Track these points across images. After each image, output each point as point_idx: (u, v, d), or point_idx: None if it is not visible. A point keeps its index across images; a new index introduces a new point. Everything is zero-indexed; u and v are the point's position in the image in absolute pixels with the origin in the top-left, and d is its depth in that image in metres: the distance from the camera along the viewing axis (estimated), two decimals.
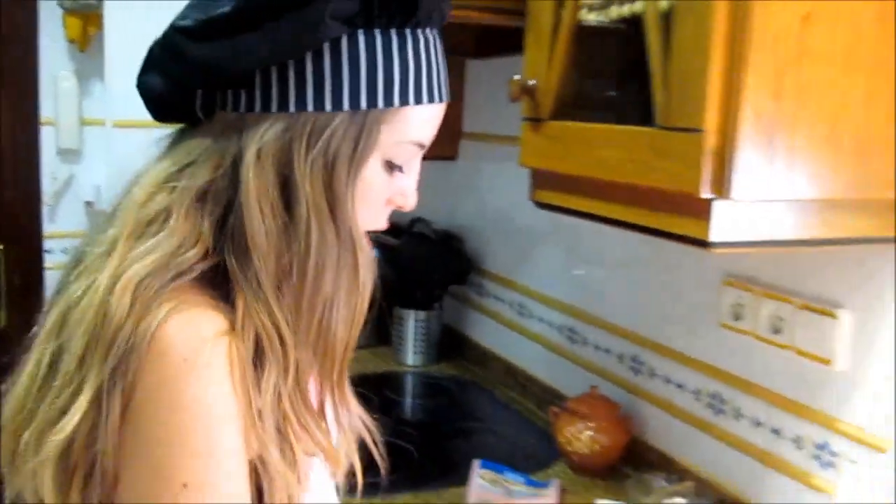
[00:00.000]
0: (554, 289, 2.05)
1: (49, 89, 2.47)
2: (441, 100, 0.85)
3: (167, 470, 0.71)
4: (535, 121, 1.32)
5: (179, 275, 0.74)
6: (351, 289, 0.81)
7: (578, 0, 1.23)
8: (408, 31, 0.80)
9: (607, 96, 1.31)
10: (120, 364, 0.70)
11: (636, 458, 1.69)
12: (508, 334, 2.24)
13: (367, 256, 0.83)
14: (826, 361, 1.32)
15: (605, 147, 1.17)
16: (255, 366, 0.76)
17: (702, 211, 1.03)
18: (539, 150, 1.32)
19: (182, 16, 0.79)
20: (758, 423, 1.46)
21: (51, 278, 2.45)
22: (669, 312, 1.67)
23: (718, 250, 1.05)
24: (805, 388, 1.37)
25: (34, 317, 0.84)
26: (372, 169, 0.81)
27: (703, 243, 1.05)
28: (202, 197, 0.77)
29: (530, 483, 1.61)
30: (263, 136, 0.76)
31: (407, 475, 1.66)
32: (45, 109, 2.47)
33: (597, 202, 1.23)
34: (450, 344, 2.43)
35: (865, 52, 1.05)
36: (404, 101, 0.80)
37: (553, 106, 1.29)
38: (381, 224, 0.88)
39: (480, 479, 1.59)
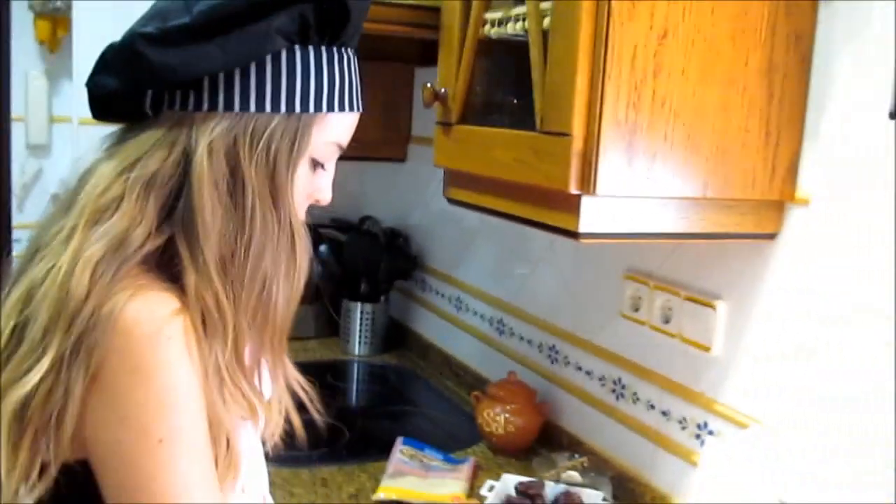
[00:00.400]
0: (486, 284, 2.18)
1: (20, 88, 2.59)
2: (358, 109, 0.98)
3: (144, 431, 0.82)
4: (445, 125, 1.45)
5: (130, 256, 0.85)
6: (289, 267, 0.93)
7: (481, 16, 1.37)
8: (334, 49, 0.94)
9: (506, 103, 1.45)
10: (82, 337, 0.81)
11: (550, 440, 1.83)
12: (446, 327, 2.37)
13: (305, 241, 0.95)
14: (706, 348, 1.45)
15: (498, 149, 1.30)
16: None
17: (572, 206, 1.17)
18: (449, 151, 1.46)
19: (142, 24, 0.89)
20: (651, 406, 1.60)
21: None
22: (581, 305, 1.80)
23: (586, 241, 1.18)
24: (689, 372, 1.51)
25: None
26: (301, 166, 0.94)
27: (574, 234, 1.18)
28: (150, 183, 0.88)
29: (447, 460, 1.74)
30: (213, 132, 0.88)
31: (336, 451, 1.80)
32: (16, 107, 2.60)
33: (494, 198, 1.36)
34: (395, 335, 2.56)
35: (720, 69, 1.19)
36: (331, 108, 0.93)
37: (460, 111, 1.42)
38: (301, 217, 1.00)
39: (400, 454, 1.72)
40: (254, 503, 1.03)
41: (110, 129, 0.97)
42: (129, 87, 0.91)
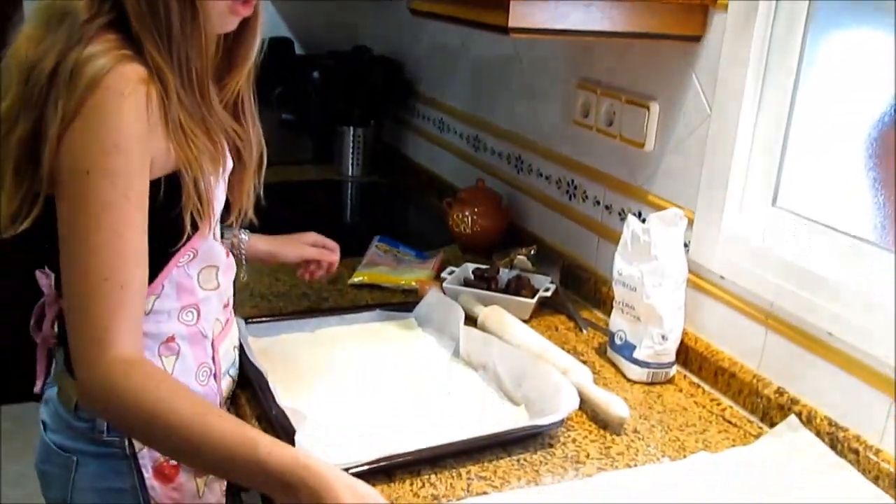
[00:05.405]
0: (465, 104, 2.34)
1: None
2: None
3: (80, 160, 1.01)
4: None
5: (90, 24, 1.04)
6: (197, 33, 1.10)
7: None
8: None
9: None
10: (58, 89, 1.00)
11: (514, 240, 2.02)
12: (431, 148, 2.55)
13: (211, 13, 1.12)
14: (640, 145, 1.62)
15: None
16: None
17: (504, 6, 1.32)
18: None
19: None
20: (597, 202, 1.78)
21: None
22: (542, 116, 1.96)
23: (515, 35, 1.33)
24: (627, 169, 1.68)
25: None
26: None
27: (505, 30, 1.33)
28: None
29: (419, 255, 1.94)
30: None
31: None
32: None
33: (446, 6, 1.51)
34: (387, 159, 2.74)
35: None
36: None
37: None
38: (232, 26, 1.16)
39: (376, 248, 1.92)
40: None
41: None
42: None
